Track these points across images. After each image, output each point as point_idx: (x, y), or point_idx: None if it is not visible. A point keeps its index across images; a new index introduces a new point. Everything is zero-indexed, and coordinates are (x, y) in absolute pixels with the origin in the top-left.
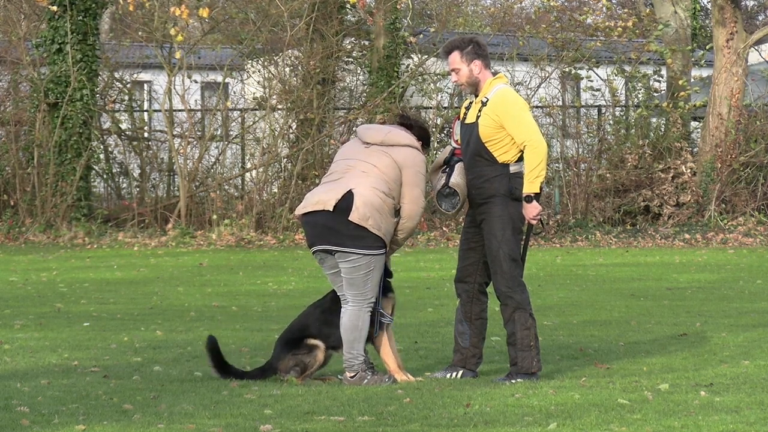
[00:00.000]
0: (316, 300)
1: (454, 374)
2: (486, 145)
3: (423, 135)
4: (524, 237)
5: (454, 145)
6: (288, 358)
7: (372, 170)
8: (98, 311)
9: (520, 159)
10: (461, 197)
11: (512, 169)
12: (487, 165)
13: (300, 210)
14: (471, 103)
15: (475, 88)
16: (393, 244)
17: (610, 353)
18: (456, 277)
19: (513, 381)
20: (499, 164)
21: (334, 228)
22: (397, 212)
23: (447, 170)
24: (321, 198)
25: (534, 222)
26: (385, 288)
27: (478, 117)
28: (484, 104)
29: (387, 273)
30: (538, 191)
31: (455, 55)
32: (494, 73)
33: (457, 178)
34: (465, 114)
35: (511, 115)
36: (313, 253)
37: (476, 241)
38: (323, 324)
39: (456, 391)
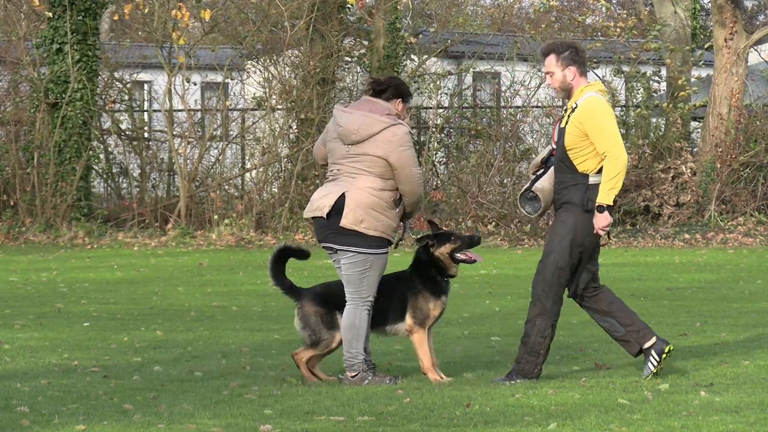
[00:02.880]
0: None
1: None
2: (568, 152)
3: (399, 91)
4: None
5: (554, 146)
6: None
7: (359, 172)
8: (98, 311)
9: (600, 171)
10: (543, 203)
11: (591, 180)
12: (567, 172)
13: (305, 214)
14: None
15: (567, 93)
16: (405, 217)
17: (610, 353)
18: (568, 294)
19: (513, 381)
20: (579, 173)
21: (332, 228)
22: (399, 201)
23: (540, 172)
24: (318, 204)
25: (602, 233)
26: (441, 291)
27: (567, 123)
28: (573, 111)
29: (446, 274)
30: (611, 203)
31: (551, 58)
32: (589, 81)
33: (544, 182)
34: (563, 118)
35: (596, 124)
36: (323, 247)
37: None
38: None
39: (456, 391)
